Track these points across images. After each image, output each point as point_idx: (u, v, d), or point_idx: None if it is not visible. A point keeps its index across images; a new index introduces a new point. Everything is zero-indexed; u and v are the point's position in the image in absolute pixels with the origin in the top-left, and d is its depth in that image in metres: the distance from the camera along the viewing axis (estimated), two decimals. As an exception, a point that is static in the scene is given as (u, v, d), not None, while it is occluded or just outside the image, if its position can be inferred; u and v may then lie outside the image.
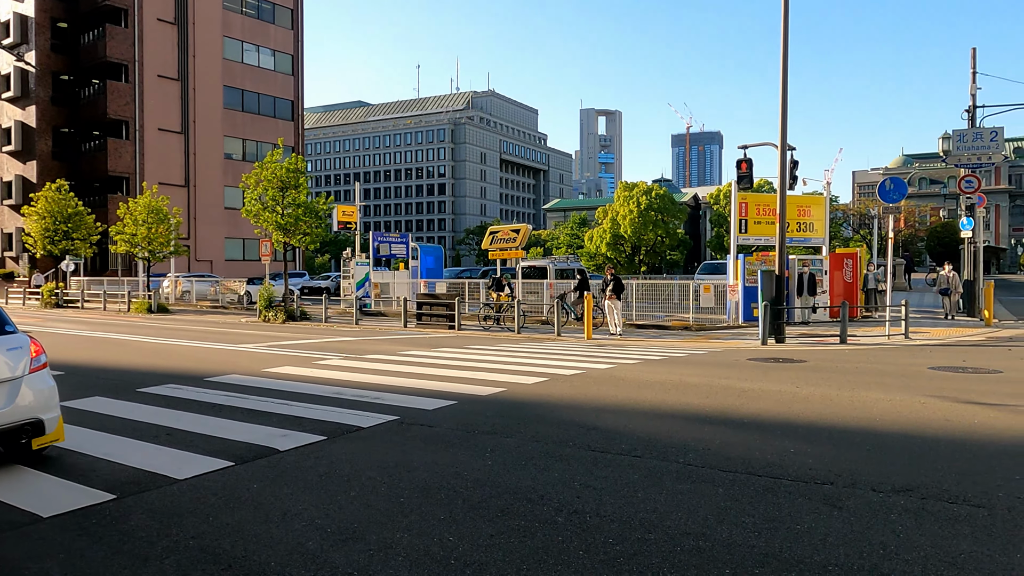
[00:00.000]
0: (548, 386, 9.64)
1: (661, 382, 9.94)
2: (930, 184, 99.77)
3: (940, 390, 9.18)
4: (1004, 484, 5.16)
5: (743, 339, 17.14)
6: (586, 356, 13.40)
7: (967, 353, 13.58)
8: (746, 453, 6.09)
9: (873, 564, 3.83)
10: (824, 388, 9.36)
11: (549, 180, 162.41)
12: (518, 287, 23.26)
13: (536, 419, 7.49)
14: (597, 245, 64.69)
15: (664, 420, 7.57)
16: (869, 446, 6.36)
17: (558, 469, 5.66)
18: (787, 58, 16.12)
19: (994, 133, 21.42)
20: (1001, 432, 6.85)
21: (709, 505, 4.79)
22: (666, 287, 26.05)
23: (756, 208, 21.49)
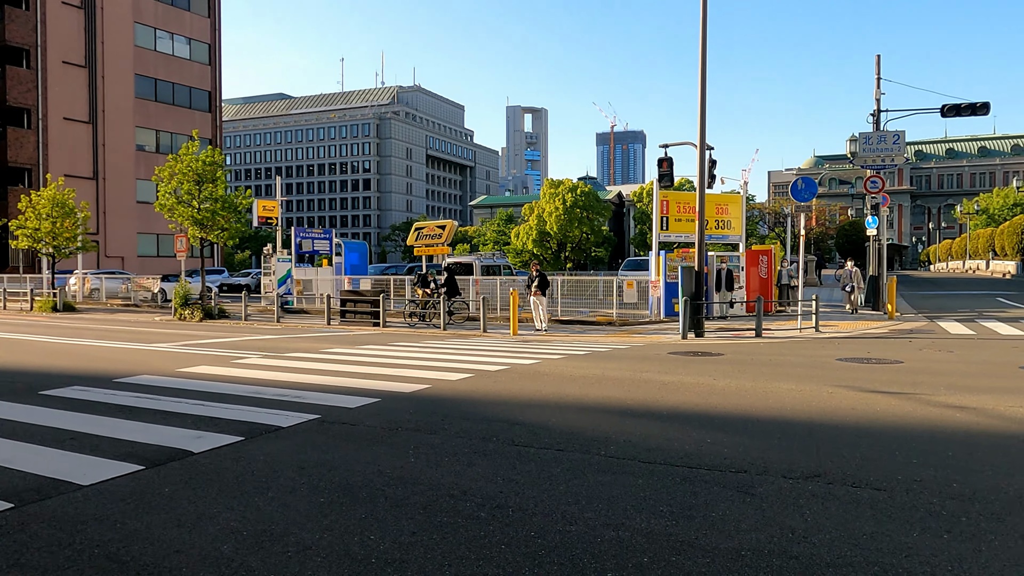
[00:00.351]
0: (473, 382, 9.64)
1: (585, 376, 10.08)
2: (839, 184, 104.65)
3: (846, 380, 9.63)
4: (903, 468, 5.45)
5: (665, 334, 17.56)
6: (511, 352, 13.46)
7: (872, 345, 14.29)
8: (665, 444, 6.24)
9: (783, 548, 3.99)
10: (739, 380, 9.68)
11: (476, 177, 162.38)
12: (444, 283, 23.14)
13: (460, 415, 7.47)
14: (524, 242, 65.06)
15: (587, 414, 7.68)
16: (780, 435, 6.62)
17: (482, 465, 5.67)
18: (705, 61, 16.57)
19: (896, 136, 22.59)
20: (901, 419, 7.24)
21: (629, 496, 4.88)
22: (591, 283, 26.40)
23: (677, 206, 22.03)
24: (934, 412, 7.53)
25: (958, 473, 5.32)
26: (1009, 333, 16.32)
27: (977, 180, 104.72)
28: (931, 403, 7.97)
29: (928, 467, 5.48)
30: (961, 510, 4.55)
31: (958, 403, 7.93)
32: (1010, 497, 4.78)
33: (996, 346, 13.97)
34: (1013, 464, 5.59)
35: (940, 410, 7.61)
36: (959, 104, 22.23)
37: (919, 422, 7.11)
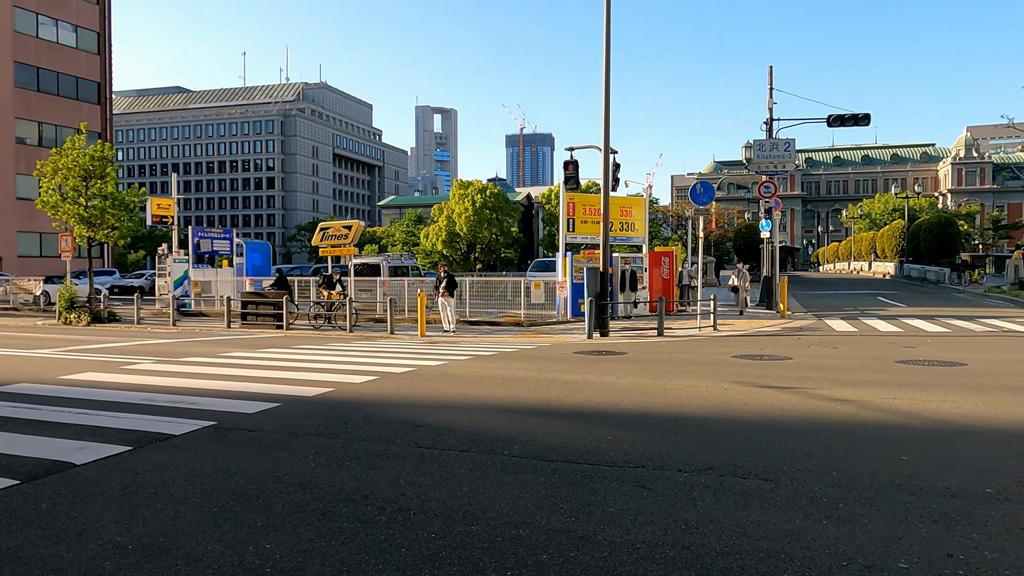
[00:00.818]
0: (378, 385, 9.52)
1: (491, 377, 10.13)
2: (737, 189, 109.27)
3: (740, 376, 10.07)
4: (788, 459, 5.75)
5: (571, 333, 17.86)
6: (418, 354, 13.37)
7: (765, 343, 15.00)
8: (568, 442, 6.35)
9: (676, 539, 4.13)
10: (641, 378, 9.97)
11: (384, 176, 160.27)
12: (351, 285, 22.77)
13: (364, 418, 7.37)
14: (433, 243, 64.75)
15: (492, 414, 7.72)
16: (678, 430, 6.85)
17: (384, 468, 5.61)
18: (609, 68, 16.96)
19: (787, 144, 23.80)
20: (788, 412, 7.63)
21: (531, 494, 4.94)
22: (500, 284, 26.54)
23: (583, 208, 22.44)
24: (818, 405, 7.98)
25: (837, 462, 5.66)
26: (887, 330, 17.47)
27: (861, 186, 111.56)
28: (816, 397, 8.44)
29: (811, 457, 5.80)
30: (839, 496, 4.84)
31: (840, 396, 8.43)
32: (882, 483, 5.11)
33: (875, 342, 14.92)
34: (886, 452, 5.98)
35: (824, 403, 8.07)
36: (843, 115, 23.62)
37: (804, 415, 7.52)
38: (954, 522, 4.34)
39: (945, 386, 9.07)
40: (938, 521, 4.36)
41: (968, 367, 10.89)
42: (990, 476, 5.24)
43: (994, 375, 10.11)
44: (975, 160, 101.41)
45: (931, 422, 7.14)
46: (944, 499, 4.76)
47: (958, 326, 18.23)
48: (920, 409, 7.66)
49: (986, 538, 4.10)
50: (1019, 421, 7.12)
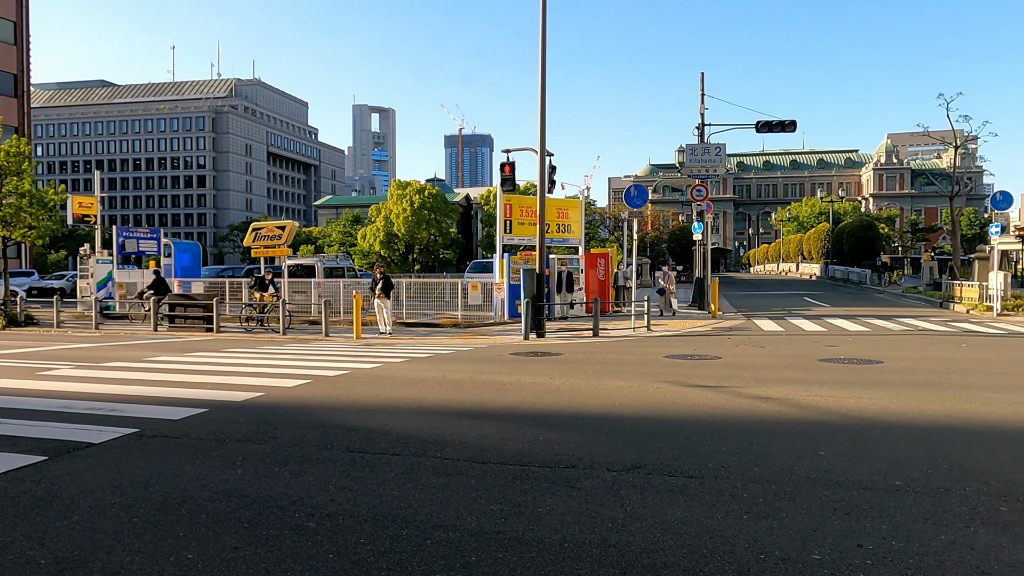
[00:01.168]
0: (310, 388, 9.38)
1: (425, 379, 10.10)
2: (672, 191, 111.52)
3: (671, 376, 10.30)
4: (714, 456, 5.92)
5: (508, 335, 17.94)
6: (353, 356, 13.22)
7: (696, 342, 15.37)
8: (500, 444, 6.39)
9: (603, 537, 4.21)
10: (574, 378, 10.10)
11: (321, 176, 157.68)
12: (284, 286, 22.34)
13: (294, 423, 7.25)
14: (371, 243, 64.08)
15: (425, 416, 7.70)
16: (608, 430, 6.97)
17: (313, 473, 5.54)
18: (545, 71, 17.11)
19: (719, 148, 24.45)
20: (715, 410, 7.85)
21: (461, 497, 4.96)
22: (437, 285, 26.46)
23: (520, 210, 22.57)
24: (744, 403, 8.23)
25: (760, 458, 5.86)
26: (812, 329, 18.13)
27: (790, 190, 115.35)
28: (742, 395, 8.70)
29: (735, 454, 5.99)
30: (760, 492, 5.01)
31: (765, 394, 8.71)
32: (800, 478, 5.32)
33: (800, 341, 15.47)
34: (805, 447, 6.22)
35: (749, 401, 8.33)
36: (771, 121, 24.41)
37: (730, 413, 7.75)
38: (865, 514, 4.55)
39: (862, 383, 9.48)
40: (850, 513, 4.57)
41: (884, 364, 11.40)
42: (899, 469, 5.51)
43: (908, 372, 10.61)
44: (895, 166, 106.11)
45: (848, 418, 7.45)
46: (857, 492, 4.98)
47: (877, 325, 19.05)
48: (838, 406, 7.99)
49: (893, 528, 4.31)
50: (928, 416, 7.50)
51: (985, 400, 8.22)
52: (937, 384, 9.42)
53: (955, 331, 17.42)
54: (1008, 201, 23.34)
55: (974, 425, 7.08)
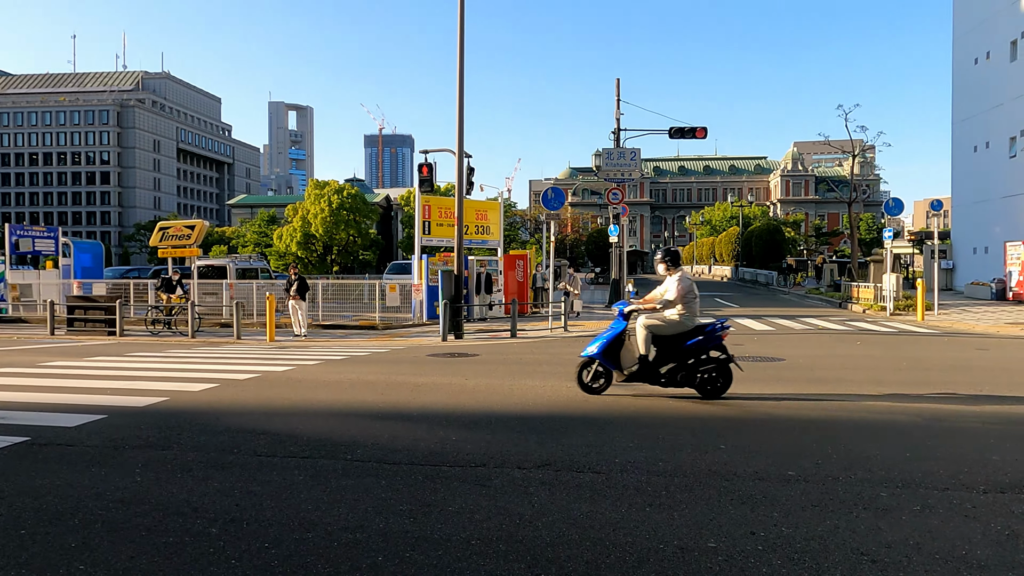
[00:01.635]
0: (218, 392, 9.11)
1: (339, 381, 9.97)
2: (591, 194, 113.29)
3: (585, 375, 10.49)
4: (620, 452, 6.09)
5: (426, 336, 17.87)
6: (265, 359, 12.91)
7: (611, 342, 15.69)
8: (412, 445, 6.38)
9: (510, 533, 4.28)
10: (489, 379, 10.17)
11: (235, 174, 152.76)
12: (194, 288, 21.57)
13: (200, 428, 7.04)
14: (287, 244, 62.57)
15: (337, 419, 7.61)
16: (520, 428, 7.07)
17: (218, 479, 5.40)
18: (463, 74, 17.15)
19: (633, 153, 25.06)
20: (626, 407, 8.07)
21: (370, 498, 4.93)
22: (356, 287, 26.12)
23: (439, 211, 22.53)
24: (653, 401, 8.48)
25: (664, 453, 6.06)
26: (721, 329, 18.79)
27: (703, 195, 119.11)
28: (651, 392, 8.95)
29: (641, 449, 6.17)
30: (663, 485, 5.19)
31: (672, 391, 8.99)
32: (702, 470, 5.54)
33: (709, 340, 16.01)
34: (709, 441, 6.47)
35: (658, 399, 8.59)
36: (683, 127, 25.19)
37: (639, 409, 7.98)
38: (759, 503, 4.79)
39: (764, 380, 9.92)
40: (746, 503, 4.79)
41: (785, 362, 11.96)
42: (793, 460, 5.81)
43: (806, 368, 11.17)
44: (800, 173, 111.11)
45: (750, 413, 7.79)
46: (753, 482, 5.23)
47: (781, 324, 19.93)
48: (740, 402, 8.34)
49: (784, 516, 4.55)
50: (822, 409, 7.92)
51: (873, 394, 8.74)
52: (832, 379, 9.95)
53: (852, 330, 18.41)
54: (900, 207, 24.83)
55: (862, 416, 7.52)
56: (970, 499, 4.82)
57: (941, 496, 4.88)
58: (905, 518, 4.48)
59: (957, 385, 9.38)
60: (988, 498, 4.84)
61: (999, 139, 30.29)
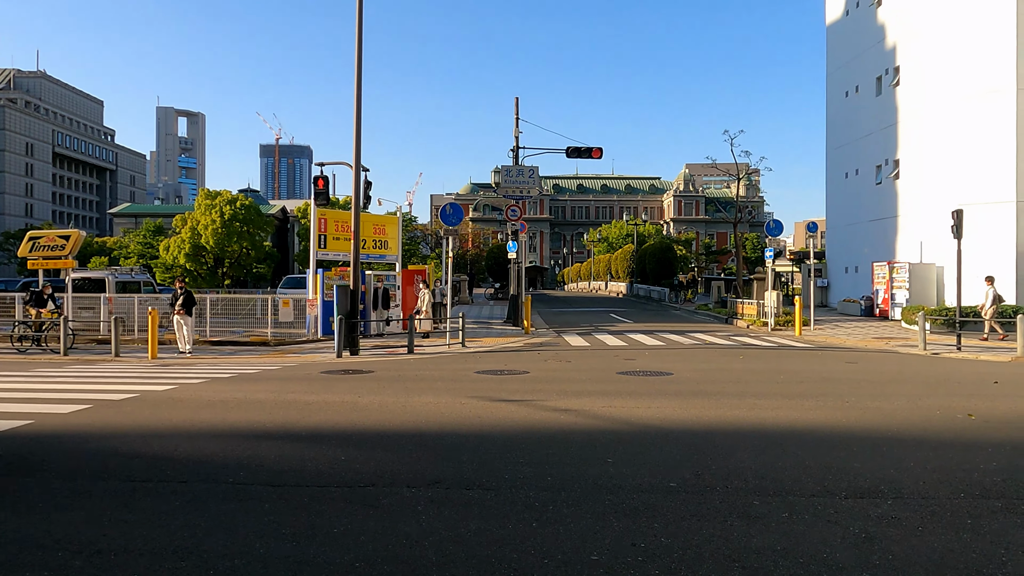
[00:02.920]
0: (90, 414, 8.56)
1: (225, 401, 9.58)
2: (492, 210, 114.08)
3: (480, 391, 10.54)
4: (511, 468, 6.14)
5: (320, 353, 17.45)
6: (145, 378, 12.25)
7: (508, 358, 15.84)
8: (300, 465, 6.21)
9: (395, 554, 4.23)
10: (383, 396, 10.03)
11: (118, 181, 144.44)
12: (68, 302, 20.21)
13: (68, 453, 6.60)
14: (175, 256, 59.60)
15: (220, 440, 7.31)
16: (413, 446, 7.01)
17: (86, 507, 5.07)
18: (360, 88, 16.97)
19: (532, 171, 25.45)
20: (518, 423, 8.15)
21: (253, 522, 4.77)
22: (247, 302, 25.23)
23: (335, 224, 22.11)
24: (545, 415, 8.61)
25: (553, 467, 6.16)
26: (614, 344, 19.31)
27: (601, 213, 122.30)
28: (544, 408, 9.10)
29: (531, 465, 6.25)
30: (550, 500, 5.27)
31: (565, 407, 9.17)
32: (589, 485, 5.66)
33: (603, 355, 16.42)
34: (596, 455, 6.63)
35: (550, 413, 8.73)
36: (580, 147, 25.82)
37: (531, 425, 8.08)
38: (641, 514, 4.94)
39: (652, 394, 10.25)
40: (629, 515, 4.93)
41: (673, 376, 12.41)
42: (675, 471, 6.03)
43: (692, 382, 11.63)
44: (692, 193, 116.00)
45: (636, 426, 8.03)
46: (636, 495, 5.39)
47: (672, 339, 20.67)
48: (629, 415, 8.59)
49: (664, 526, 4.71)
50: (704, 422, 8.26)
51: (751, 406, 9.20)
52: (715, 393, 10.40)
53: (736, 344, 19.31)
54: (779, 228, 26.32)
55: (741, 429, 7.90)
56: (833, 504, 5.15)
57: (807, 503, 5.19)
58: (774, 524, 4.73)
59: (827, 397, 10.00)
60: (849, 503, 5.18)
61: (867, 167, 32.69)
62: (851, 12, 34.50)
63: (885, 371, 13.49)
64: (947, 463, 6.31)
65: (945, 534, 4.56)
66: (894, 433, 7.64)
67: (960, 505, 5.13)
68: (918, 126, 28.00)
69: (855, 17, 34.04)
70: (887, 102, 30.58)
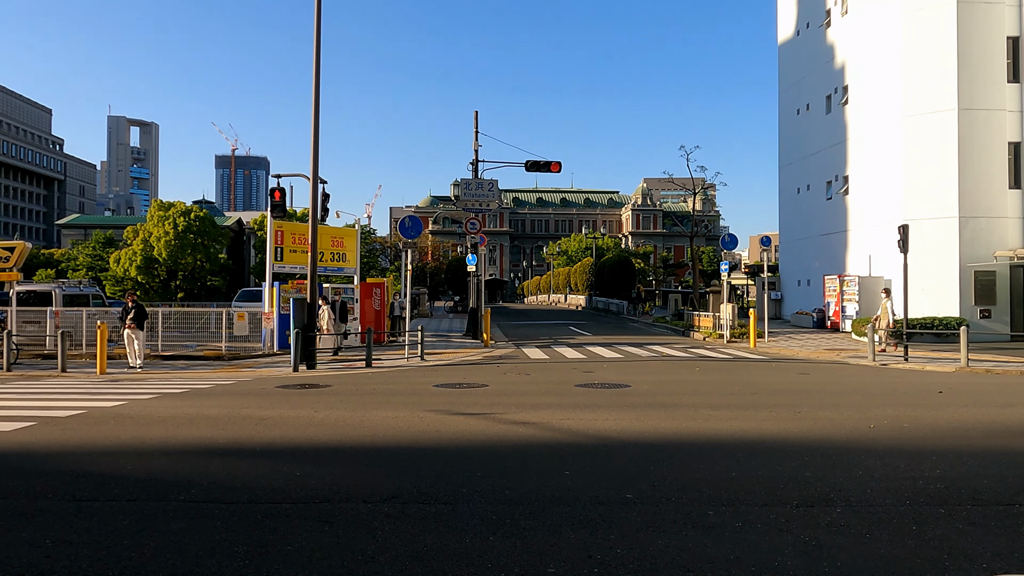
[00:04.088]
0: (34, 432, 8.29)
1: (175, 417, 9.36)
2: (451, 223, 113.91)
3: (438, 405, 10.49)
4: (468, 482, 6.12)
5: (276, 367, 17.18)
6: (93, 394, 11.91)
7: (467, 371, 15.79)
8: (253, 482, 6.10)
9: (351, 570, 4.18)
10: (340, 411, 9.92)
11: (66, 192, 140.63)
12: (12, 316, 19.56)
13: (9, 472, 6.38)
14: (126, 268, 58.16)
15: (171, 457, 7.14)
16: (368, 461, 6.94)
17: (28, 528, 4.91)
18: (318, 98, 16.87)
19: (491, 184, 25.53)
20: (475, 436, 8.13)
21: (204, 540, 4.67)
22: (201, 315, 24.72)
23: (292, 237, 21.86)
24: (503, 428, 8.61)
25: (511, 480, 6.16)
26: (573, 356, 19.41)
27: (560, 226, 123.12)
28: (502, 420, 9.09)
29: (489, 478, 6.24)
30: (507, 513, 5.27)
31: (524, 419, 9.18)
32: (546, 497, 5.68)
33: (562, 368, 16.49)
34: (553, 468, 6.64)
35: (508, 426, 8.73)
36: (539, 161, 26.00)
37: (489, 438, 8.06)
38: (598, 526, 4.97)
39: (610, 406, 10.33)
40: (585, 527, 4.96)
41: (631, 388, 12.52)
42: (632, 483, 6.08)
43: (650, 395, 11.74)
44: (649, 207, 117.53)
45: (594, 439, 8.08)
46: (594, 507, 5.42)
47: (629, 352, 20.85)
48: (587, 428, 8.64)
49: (620, 537, 4.75)
50: (661, 434, 8.35)
51: (707, 417, 9.33)
52: (672, 404, 10.52)
53: (692, 356, 19.57)
54: (734, 243, 26.84)
55: (696, 440, 8.00)
56: (784, 513, 5.25)
57: (760, 512, 5.28)
58: (728, 534, 4.81)
59: (780, 408, 10.20)
60: (800, 512, 5.29)
61: (818, 183, 33.57)
62: (802, 32, 35.49)
63: (836, 382, 13.81)
64: (893, 471, 6.49)
65: (891, 541, 4.69)
66: (843, 442, 7.82)
67: (905, 512, 5.28)
68: (866, 143, 28.88)
69: (805, 37, 35.03)
70: (837, 120, 31.48)
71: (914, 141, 25.71)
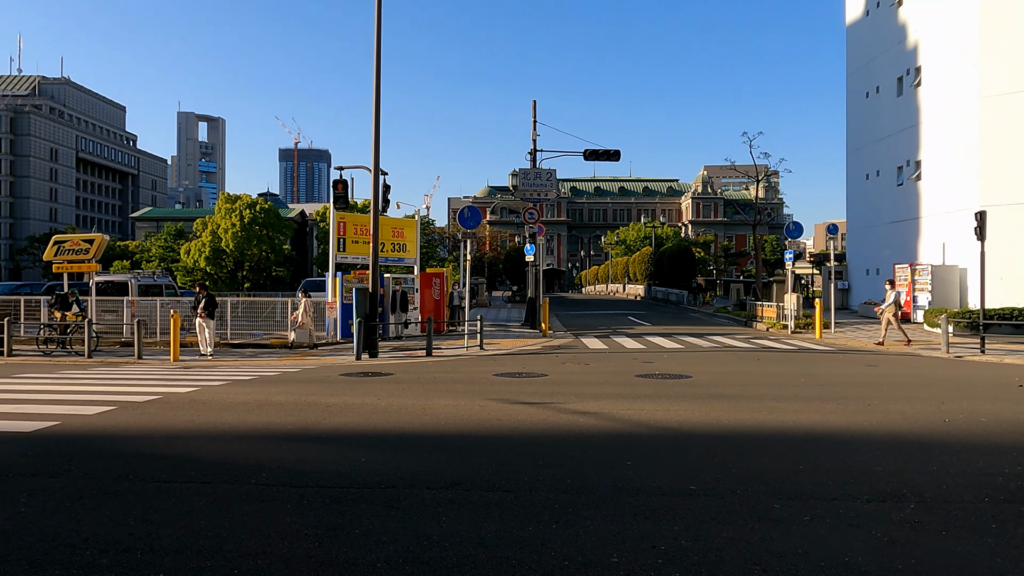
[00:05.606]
0: (114, 416, 8.69)
1: (245, 403, 9.68)
2: (509, 213, 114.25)
3: (498, 394, 10.57)
4: (530, 470, 6.15)
5: (340, 355, 17.57)
6: (168, 380, 12.41)
7: (526, 360, 15.85)
8: (320, 467, 6.27)
9: (416, 555, 4.26)
10: (403, 398, 10.09)
11: (140, 186, 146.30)
12: (92, 305, 20.52)
13: (93, 454, 6.71)
14: (196, 259, 60.34)
15: (242, 442, 7.39)
16: (432, 448, 7.05)
17: (112, 507, 5.16)
18: (379, 90, 17.10)
19: (549, 174, 25.47)
20: (536, 426, 8.16)
21: (275, 523, 4.82)
22: (268, 304, 25.41)
23: (354, 228, 22.26)
24: (564, 418, 8.61)
25: (572, 470, 6.17)
26: (632, 347, 19.27)
27: (619, 215, 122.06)
28: (563, 410, 9.10)
29: (551, 467, 6.26)
30: (570, 502, 5.28)
31: (584, 409, 9.17)
32: (608, 487, 5.66)
33: (621, 358, 16.39)
34: (615, 458, 6.62)
35: (568, 416, 8.73)
36: (598, 150, 25.81)
37: (550, 428, 8.08)
38: (661, 517, 4.94)
39: (671, 397, 10.22)
40: (648, 517, 4.93)
41: (692, 379, 12.36)
42: (695, 475, 6.02)
43: (711, 386, 11.57)
44: (710, 196, 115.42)
45: (656, 430, 8.02)
46: (656, 497, 5.38)
47: (690, 342, 20.58)
48: (648, 418, 8.58)
49: (684, 529, 4.71)
50: (723, 426, 8.23)
51: (771, 409, 9.15)
52: (735, 396, 10.35)
53: (755, 347, 19.19)
54: (799, 231, 26.14)
55: (761, 432, 7.86)
56: (855, 508, 5.11)
57: (829, 506, 5.16)
58: (795, 528, 4.71)
59: (848, 400, 9.92)
60: (871, 507, 5.15)
61: (888, 168, 32.38)
62: (871, 12, 34.20)
63: (907, 374, 13.36)
64: (970, 467, 6.25)
65: (969, 539, 4.52)
66: (916, 437, 7.56)
67: (984, 509, 5.08)
68: (940, 127, 27.70)
69: (875, 17, 33.75)
70: (909, 102, 30.28)
71: (992, 123, 24.54)
